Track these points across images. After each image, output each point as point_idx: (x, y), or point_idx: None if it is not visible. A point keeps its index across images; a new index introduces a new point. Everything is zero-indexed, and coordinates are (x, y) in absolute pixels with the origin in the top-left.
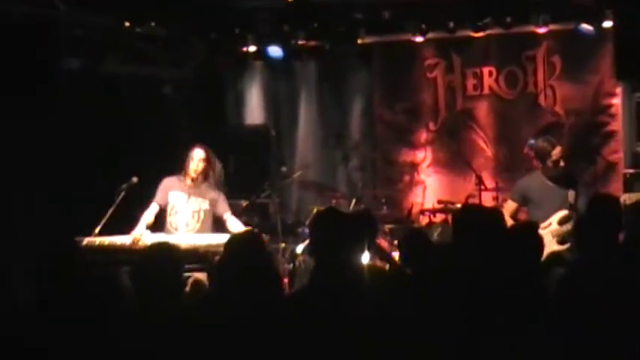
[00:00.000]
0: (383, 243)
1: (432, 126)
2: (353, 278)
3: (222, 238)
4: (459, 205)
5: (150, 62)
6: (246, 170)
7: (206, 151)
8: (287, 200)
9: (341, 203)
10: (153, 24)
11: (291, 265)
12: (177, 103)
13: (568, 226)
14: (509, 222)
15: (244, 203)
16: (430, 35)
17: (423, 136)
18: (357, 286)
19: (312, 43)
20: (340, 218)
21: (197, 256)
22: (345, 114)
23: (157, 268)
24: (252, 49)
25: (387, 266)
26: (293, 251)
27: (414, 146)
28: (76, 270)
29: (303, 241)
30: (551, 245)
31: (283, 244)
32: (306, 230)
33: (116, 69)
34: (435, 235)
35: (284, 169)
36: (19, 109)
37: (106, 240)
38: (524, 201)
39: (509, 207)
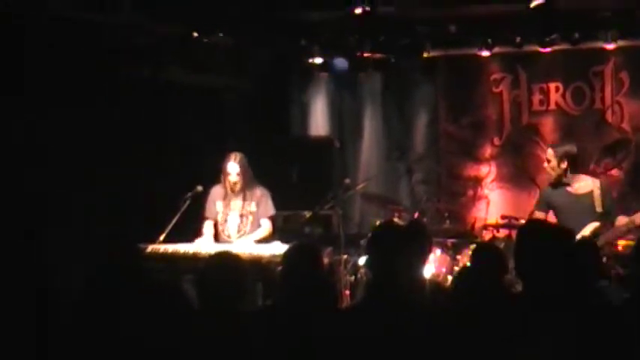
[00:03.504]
0: (445, 257)
1: (496, 141)
2: (410, 293)
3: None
4: (522, 221)
5: (213, 71)
6: (310, 181)
7: (240, 163)
8: (350, 212)
9: (403, 216)
10: (220, 34)
11: (353, 278)
12: (239, 112)
13: (601, 240)
14: None
15: (307, 214)
16: (496, 50)
17: (488, 150)
18: (414, 301)
19: (378, 55)
20: (398, 232)
21: (259, 267)
22: (410, 127)
23: (220, 277)
24: (318, 60)
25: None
26: (355, 263)
27: (479, 161)
28: (137, 275)
29: (365, 253)
30: None
31: (345, 256)
32: None
33: (179, 77)
34: None
35: (347, 180)
36: (81, 116)
37: (170, 248)
38: (549, 208)
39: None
